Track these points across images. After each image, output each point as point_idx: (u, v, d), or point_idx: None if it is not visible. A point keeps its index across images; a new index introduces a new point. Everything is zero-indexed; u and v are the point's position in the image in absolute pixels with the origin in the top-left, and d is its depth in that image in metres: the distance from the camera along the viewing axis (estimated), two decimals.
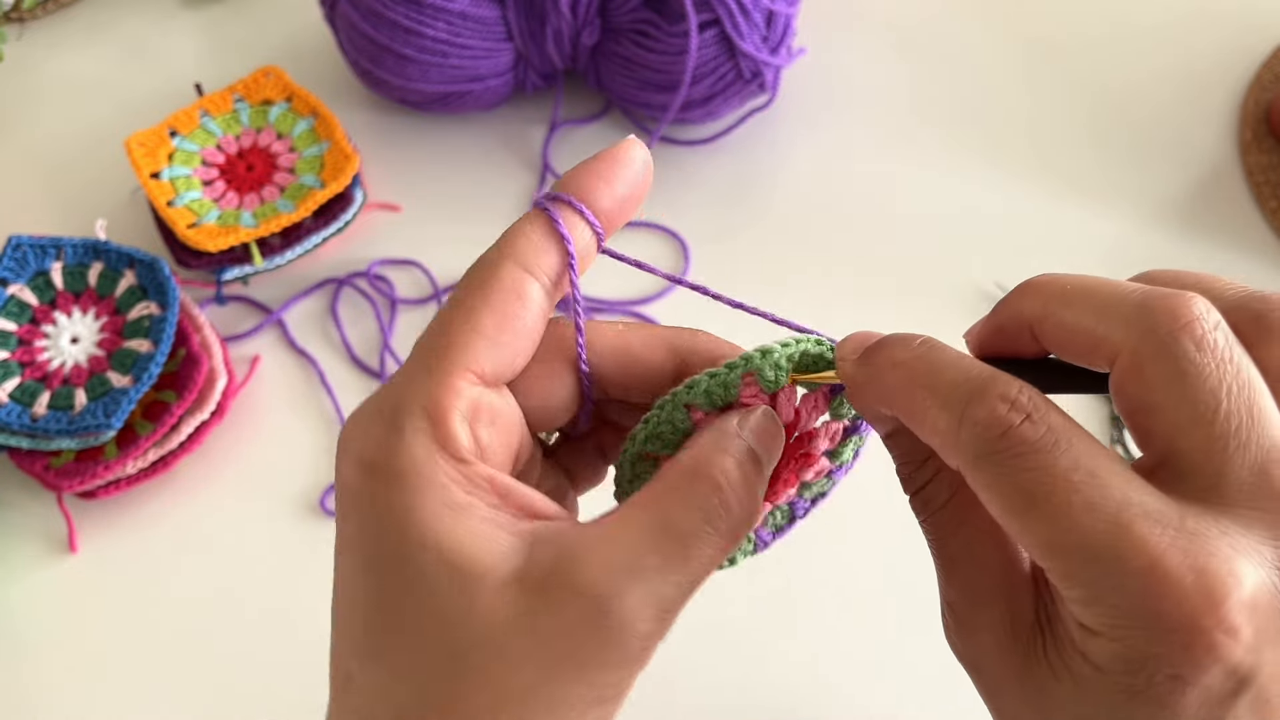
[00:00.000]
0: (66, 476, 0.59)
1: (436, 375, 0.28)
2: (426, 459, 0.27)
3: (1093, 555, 0.23)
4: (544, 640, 0.25)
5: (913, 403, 0.28)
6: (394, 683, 0.26)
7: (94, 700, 0.56)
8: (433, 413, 0.27)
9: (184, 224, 0.66)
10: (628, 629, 0.26)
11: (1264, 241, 0.71)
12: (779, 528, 0.35)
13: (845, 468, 0.35)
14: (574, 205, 0.30)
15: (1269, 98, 0.75)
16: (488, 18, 0.69)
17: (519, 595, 0.26)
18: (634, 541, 0.27)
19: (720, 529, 0.28)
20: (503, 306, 0.28)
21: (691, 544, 0.27)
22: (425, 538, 0.26)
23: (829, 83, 0.78)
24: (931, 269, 0.70)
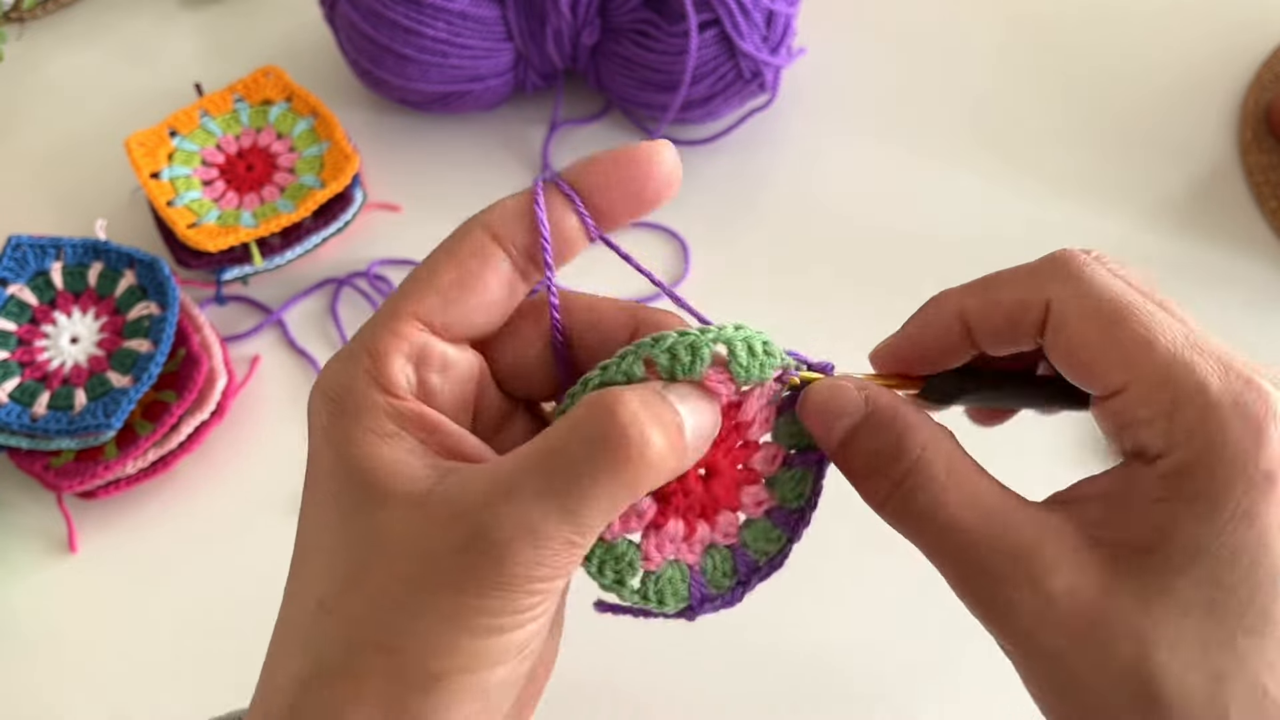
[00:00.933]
0: (66, 476, 0.59)
1: (387, 321, 0.30)
2: (364, 391, 0.29)
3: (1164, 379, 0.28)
4: (428, 556, 0.27)
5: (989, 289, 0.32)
6: (307, 580, 0.29)
7: (94, 700, 0.56)
8: (373, 351, 0.29)
9: (184, 224, 0.66)
10: (497, 545, 0.26)
11: (1264, 241, 0.71)
12: (720, 584, 0.33)
13: (795, 521, 0.33)
14: (561, 189, 0.31)
15: (1269, 98, 0.75)
16: (488, 18, 0.69)
17: (414, 516, 0.27)
18: (517, 467, 0.27)
19: (608, 460, 0.27)
20: (461, 264, 0.30)
21: (575, 470, 0.27)
22: (351, 459, 0.28)
23: (829, 83, 0.78)
24: (931, 268, 0.70)
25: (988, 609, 0.29)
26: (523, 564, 0.26)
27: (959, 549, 0.29)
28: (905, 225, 0.72)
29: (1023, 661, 0.30)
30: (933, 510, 0.29)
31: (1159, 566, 0.27)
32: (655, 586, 0.32)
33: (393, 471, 0.28)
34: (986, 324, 0.31)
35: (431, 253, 0.31)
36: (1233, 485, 0.27)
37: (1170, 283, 0.74)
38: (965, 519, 0.29)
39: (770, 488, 0.33)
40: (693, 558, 0.33)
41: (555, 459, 0.27)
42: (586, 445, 0.27)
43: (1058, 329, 0.29)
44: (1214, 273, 0.69)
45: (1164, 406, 0.28)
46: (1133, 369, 0.28)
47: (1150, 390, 0.28)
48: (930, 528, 0.30)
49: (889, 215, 0.72)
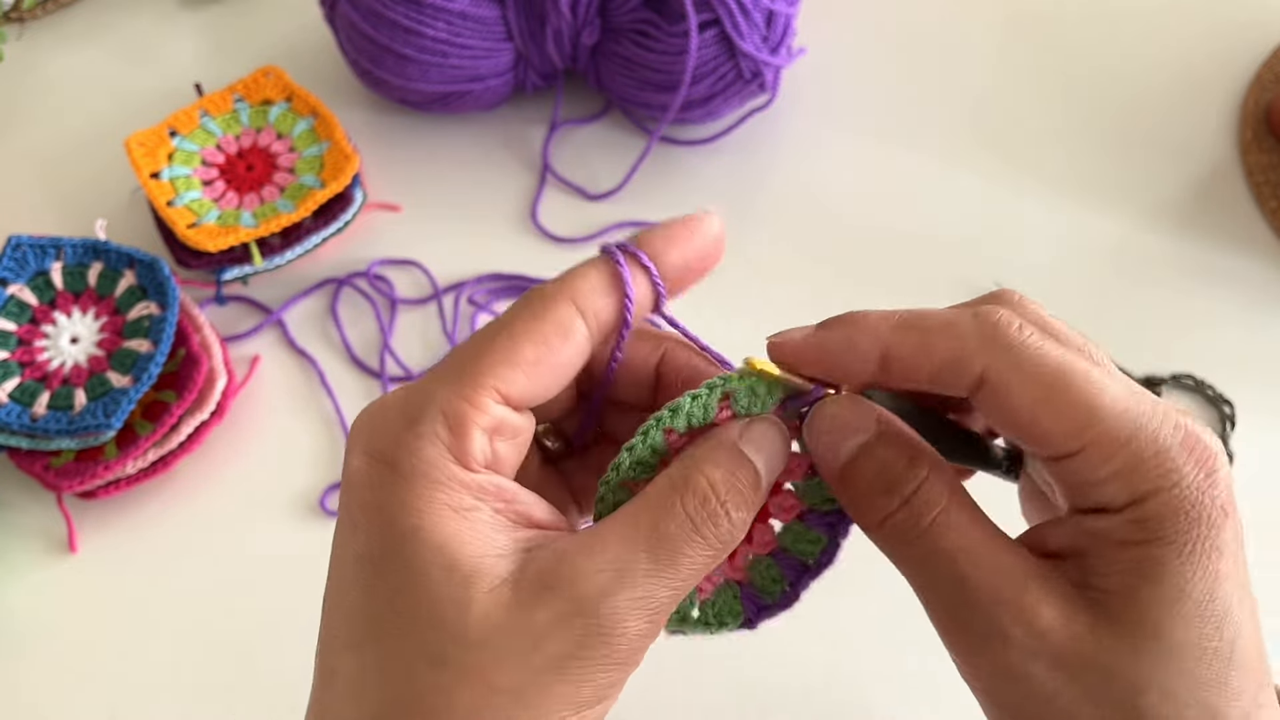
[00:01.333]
0: (66, 476, 0.59)
1: (466, 387, 0.28)
2: (439, 461, 0.28)
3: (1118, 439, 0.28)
4: (533, 640, 0.26)
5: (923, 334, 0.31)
6: (379, 676, 0.27)
7: (93, 700, 0.56)
8: (452, 421, 0.28)
9: (184, 224, 0.66)
10: (616, 630, 0.27)
11: (1264, 241, 0.71)
12: (771, 590, 0.34)
13: (833, 523, 0.34)
14: (641, 260, 0.31)
15: (1269, 98, 0.75)
16: (488, 18, 0.69)
17: (512, 596, 0.27)
18: (624, 546, 0.28)
19: (707, 535, 0.29)
20: (546, 340, 0.29)
21: (679, 548, 0.28)
22: (427, 534, 0.27)
23: (829, 83, 0.78)
24: (931, 268, 0.70)
25: (974, 641, 0.29)
26: (641, 637, 0.27)
27: (954, 577, 0.29)
28: (905, 225, 0.72)
29: (1005, 699, 0.29)
30: (935, 534, 0.29)
31: (1145, 610, 0.28)
32: (714, 611, 0.34)
33: (477, 549, 0.27)
34: (912, 371, 0.31)
35: (510, 318, 0.30)
36: (1198, 523, 0.28)
37: (1170, 283, 0.75)
38: (964, 546, 0.29)
39: (800, 493, 0.34)
40: (739, 575, 0.34)
41: (662, 539, 0.28)
42: (689, 524, 0.28)
43: (999, 398, 0.29)
44: (1214, 273, 0.69)
45: (1123, 464, 0.28)
46: (1086, 433, 0.28)
47: (1106, 452, 0.28)
48: (929, 552, 0.30)
49: (889, 215, 0.72)
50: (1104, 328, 0.67)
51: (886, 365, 0.31)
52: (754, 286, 0.69)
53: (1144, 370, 0.65)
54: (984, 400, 0.30)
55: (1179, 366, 0.65)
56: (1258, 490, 0.62)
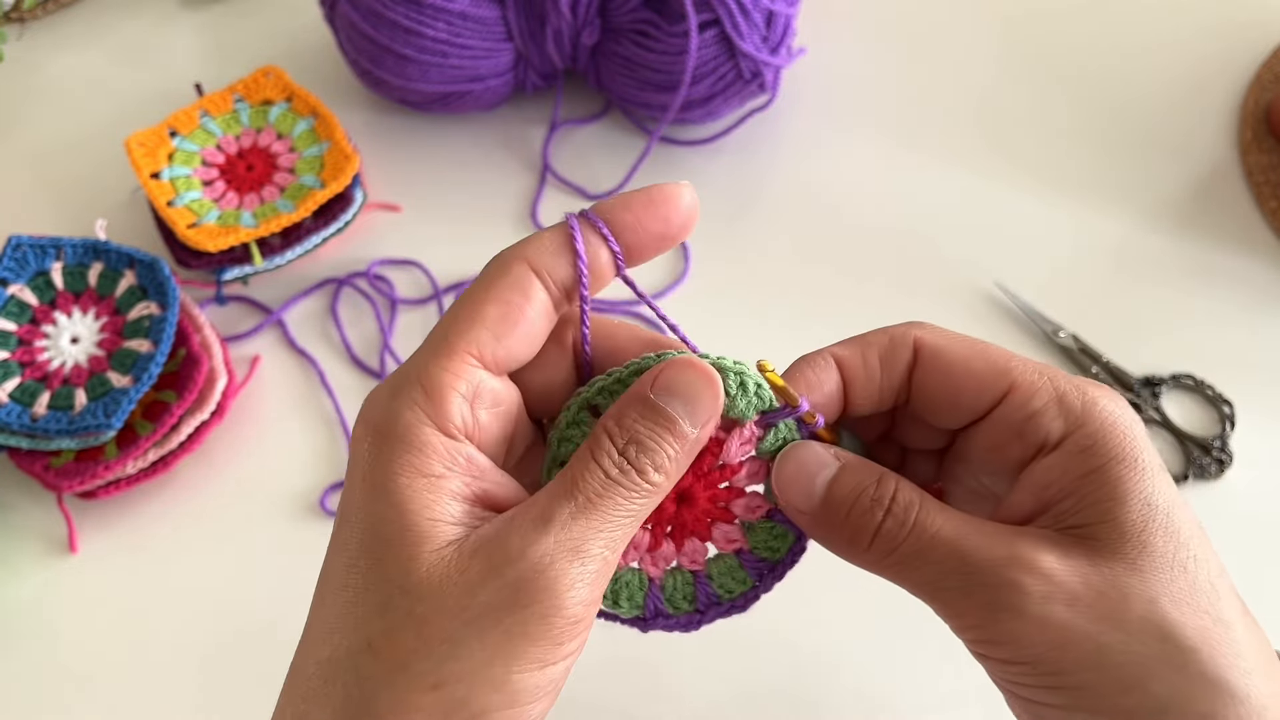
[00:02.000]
0: (66, 476, 0.59)
1: (439, 355, 0.30)
2: (415, 426, 0.30)
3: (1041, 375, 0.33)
4: (469, 591, 0.28)
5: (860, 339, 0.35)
6: (337, 623, 0.29)
7: (94, 700, 0.56)
8: (428, 387, 0.30)
9: (184, 224, 0.66)
10: (544, 576, 0.28)
11: (1264, 241, 0.71)
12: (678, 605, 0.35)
13: (766, 570, 0.35)
14: (596, 225, 0.32)
15: (1269, 98, 0.75)
16: (488, 18, 0.69)
17: (454, 554, 0.29)
18: (549, 498, 0.29)
19: (625, 482, 0.30)
20: (506, 298, 0.31)
21: (600, 494, 0.30)
22: (391, 495, 0.29)
23: (829, 83, 0.78)
24: (931, 269, 0.70)
25: (990, 607, 0.30)
26: (568, 585, 0.28)
27: (954, 556, 0.31)
28: (905, 224, 0.72)
29: (1029, 654, 0.30)
30: (923, 526, 0.31)
31: (1128, 528, 0.30)
32: (613, 585, 0.34)
33: (435, 515, 0.29)
34: (861, 366, 0.34)
35: (471, 287, 0.32)
36: (1135, 440, 0.31)
37: (1171, 283, 0.75)
38: (952, 532, 0.31)
39: (745, 531, 0.35)
40: (655, 571, 0.35)
41: (575, 486, 0.29)
42: (597, 468, 0.30)
43: (933, 356, 0.33)
44: (1213, 273, 0.69)
45: (1051, 394, 0.32)
46: (1010, 374, 0.32)
47: (1033, 385, 0.32)
48: (924, 545, 0.31)
49: (889, 215, 0.72)
50: (1103, 327, 0.67)
51: (845, 372, 0.34)
52: (754, 286, 0.69)
53: (1143, 370, 0.65)
54: (924, 363, 0.33)
55: (1178, 366, 0.65)
56: (1258, 490, 0.62)
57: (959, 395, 0.33)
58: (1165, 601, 0.29)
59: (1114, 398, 0.32)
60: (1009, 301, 0.67)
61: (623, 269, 0.33)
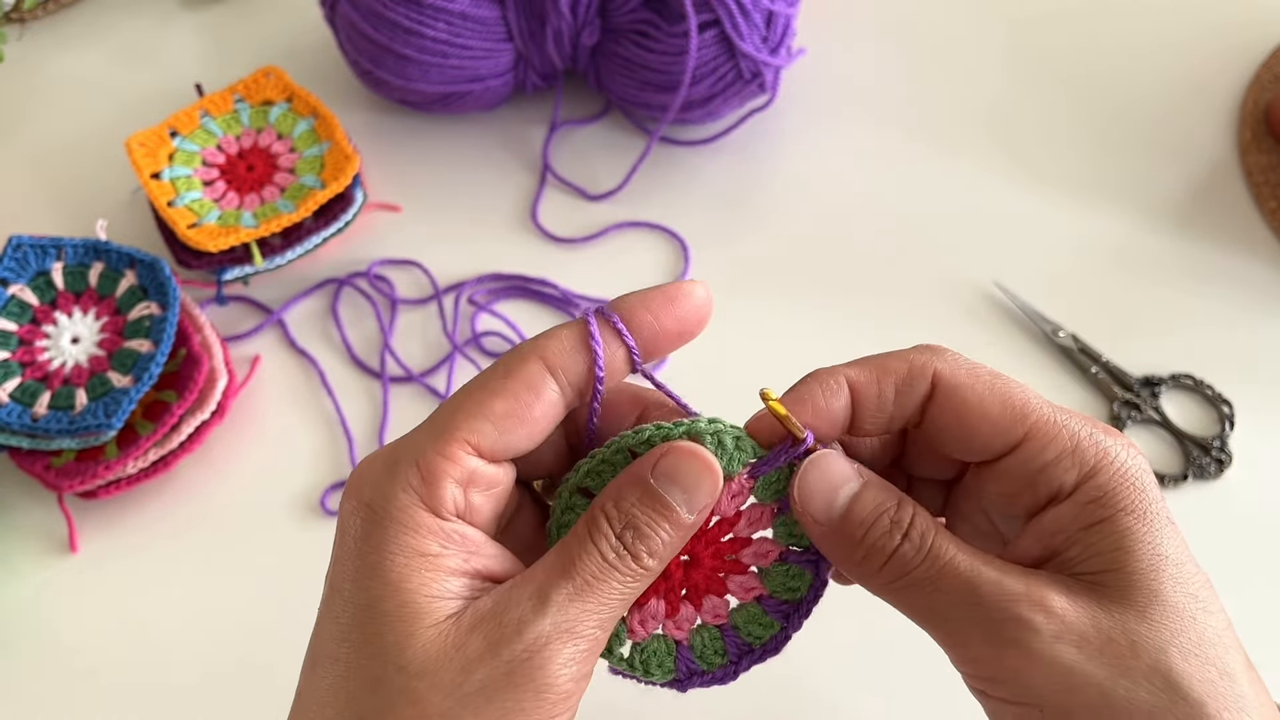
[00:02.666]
0: (67, 476, 0.59)
1: (439, 440, 0.31)
2: (410, 508, 0.30)
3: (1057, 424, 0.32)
4: (465, 668, 0.28)
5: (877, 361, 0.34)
6: (331, 698, 0.30)
7: (94, 700, 0.56)
8: (425, 471, 0.30)
9: (184, 224, 0.66)
10: (540, 655, 0.29)
11: (1263, 241, 0.71)
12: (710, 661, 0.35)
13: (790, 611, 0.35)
14: (613, 322, 0.32)
15: (1268, 98, 0.75)
16: (488, 18, 0.69)
17: (452, 630, 0.29)
18: (547, 575, 0.30)
19: (619, 566, 0.31)
20: (516, 395, 0.31)
21: (597, 576, 0.30)
22: (387, 573, 0.29)
23: (829, 83, 0.78)
24: (931, 269, 0.70)
25: (997, 643, 0.30)
26: (561, 663, 0.29)
27: (966, 587, 0.30)
28: (905, 225, 0.72)
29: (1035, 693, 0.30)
30: (937, 554, 0.31)
31: (1137, 578, 0.30)
32: (641, 656, 0.34)
33: (430, 592, 0.29)
34: (875, 394, 0.33)
35: (484, 374, 0.32)
36: (1146, 492, 0.31)
37: (1170, 283, 0.75)
38: (966, 563, 0.31)
39: (761, 578, 0.35)
40: (680, 634, 0.35)
41: (572, 565, 0.30)
42: (595, 548, 0.30)
43: (950, 394, 0.32)
44: (1213, 273, 0.69)
45: (1067, 444, 0.31)
46: (1026, 421, 0.32)
47: (1048, 435, 0.31)
48: (936, 573, 0.31)
49: (888, 215, 0.72)
50: (1103, 327, 0.67)
51: (857, 396, 0.33)
52: (753, 286, 0.69)
53: (1143, 370, 0.65)
54: (940, 401, 0.32)
55: (1178, 366, 0.65)
56: (1257, 490, 0.62)
57: (973, 437, 0.32)
58: (1174, 652, 0.29)
59: (1128, 446, 0.32)
60: (1008, 301, 0.67)
61: (639, 365, 0.33)
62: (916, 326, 0.66)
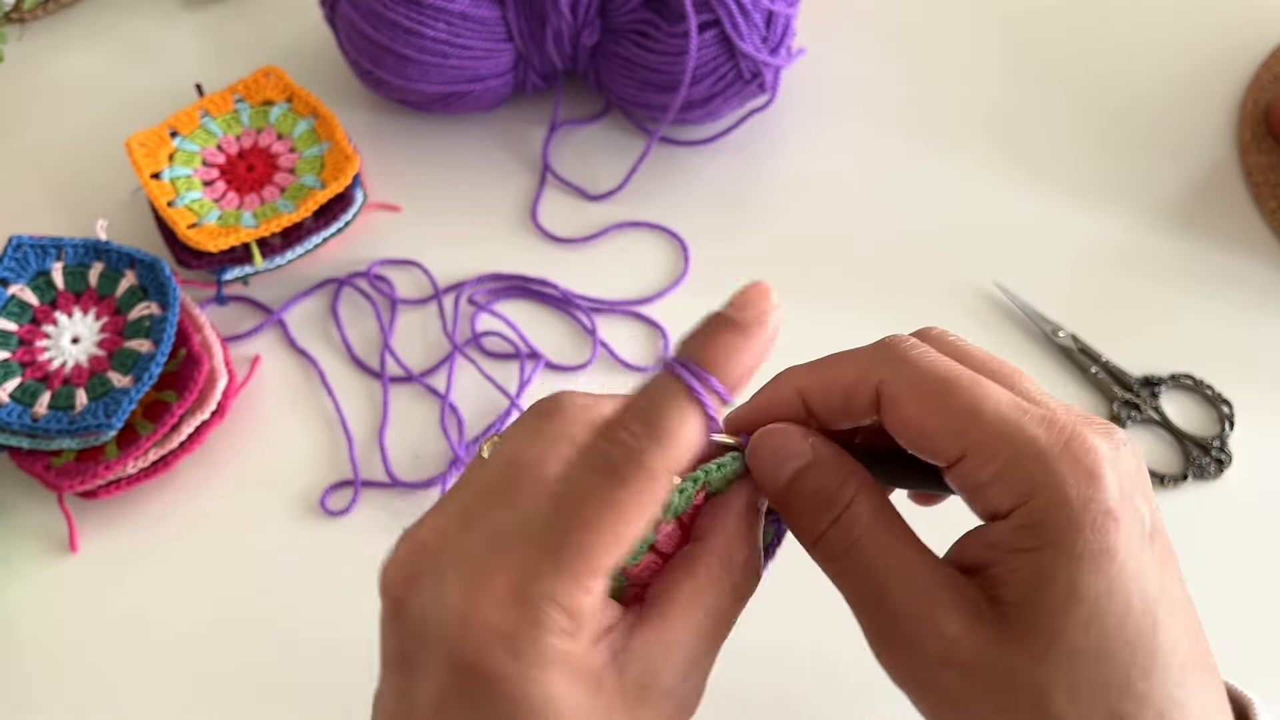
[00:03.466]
0: (67, 476, 0.59)
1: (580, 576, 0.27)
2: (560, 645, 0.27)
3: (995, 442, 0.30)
4: None
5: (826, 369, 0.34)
6: None
7: (93, 700, 0.56)
8: (572, 612, 0.27)
9: (184, 224, 0.66)
10: (690, 701, 0.31)
11: (1263, 242, 0.71)
12: None
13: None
14: (720, 393, 0.29)
15: (1268, 98, 0.75)
16: (488, 18, 0.69)
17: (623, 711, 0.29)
18: (691, 633, 0.30)
19: (742, 598, 0.32)
20: (647, 515, 0.28)
21: (725, 621, 0.32)
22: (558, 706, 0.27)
23: (829, 83, 0.78)
24: (931, 269, 0.70)
25: (893, 650, 0.31)
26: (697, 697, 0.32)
27: (875, 591, 0.31)
28: (905, 225, 0.72)
29: (926, 704, 0.31)
30: (859, 551, 0.32)
31: (1042, 616, 0.29)
32: None
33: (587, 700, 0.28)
34: (824, 403, 0.33)
35: (604, 481, 0.28)
36: (1080, 526, 0.29)
37: (1170, 283, 0.75)
38: (886, 563, 0.31)
39: None
40: None
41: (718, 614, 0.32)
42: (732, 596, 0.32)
43: (891, 408, 0.32)
44: (1213, 273, 0.69)
45: (1000, 467, 0.30)
46: (965, 437, 0.30)
47: (985, 454, 0.30)
48: (853, 566, 0.32)
49: (889, 215, 0.72)
50: (1102, 327, 0.67)
51: (808, 404, 0.34)
52: None
53: (1142, 370, 0.65)
54: (884, 414, 0.32)
55: (1177, 366, 0.65)
56: (1257, 490, 0.62)
57: (916, 448, 0.32)
58: (1060, 696, 0.28)
59: (1089, 473, 0.29)
60: (1008, 301, 0.68)
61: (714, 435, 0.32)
62: (916, 326, 0.66)
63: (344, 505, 0.62)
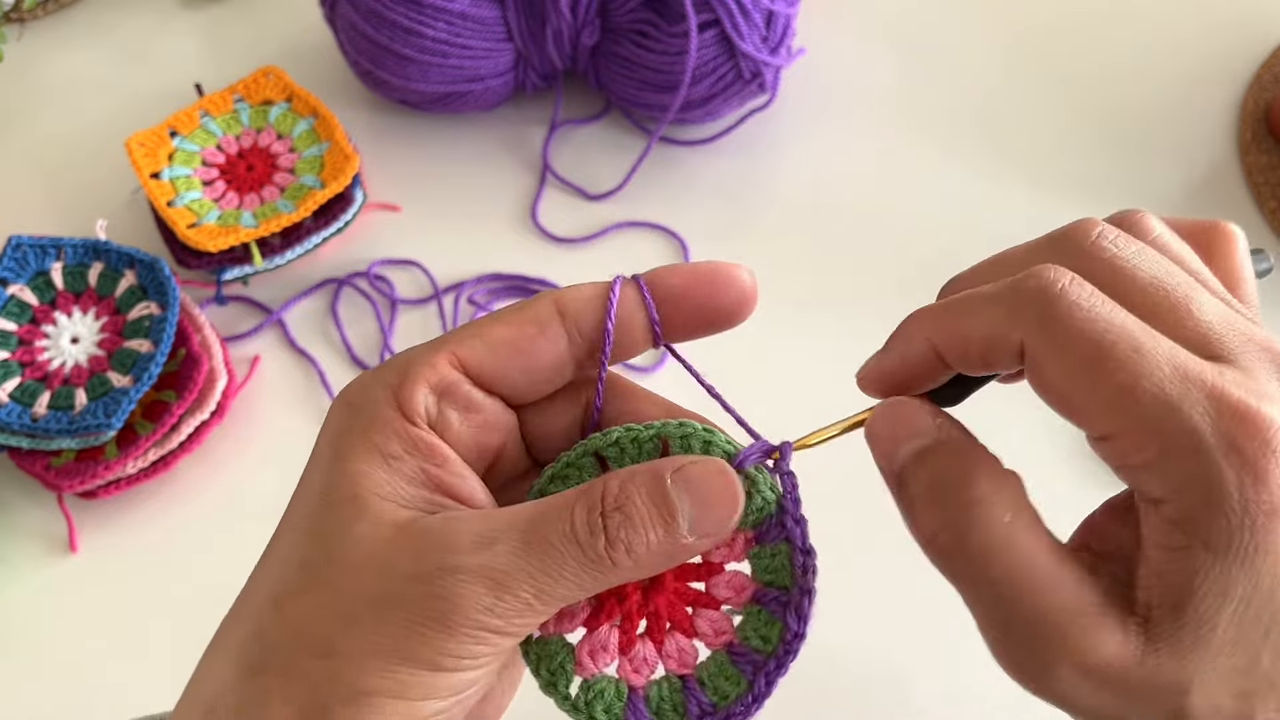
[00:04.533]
0: (67, 476, 0.59)
1: (424, 351, 0.30)
2: (380, 405, 0.30)
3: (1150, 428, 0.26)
4: (380, 576, 0.28)
5: (959, 320, 0.30)
6: (266, 575, 0.30)
7: (94, 700, 0.56)
8: (401, 372, 0.30)
9: (184, 224, 0.66)
10: (460, 590, 0.27)
11: (1264, 242, 0.71)
12: (665, 716, 0.30)
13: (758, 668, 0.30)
14: (639, 288, 0.31)
15: (1269, 98, 0.75)
16: (488, 18, 0.69)
17: (390, 536, 0.28)
18: (505, 521, 0.28)
19: (584, 546, 0.28)
20: (519, 327, 0.31)
21: (554, 546, 0.28)
22: (351, 464, 0.29)
23: (829, 83, 0.78)
24: (930, 269, 0.69)
25: (1024, 665, 0.28)
26: (476, 609, 0.27)
27: (1004, 600, 0.28)
28: (905, 224, 0.72)
29: (1057, 705, 0.29)
30: (984, 555, 0.28)
31: (1188, 619, 0.27)
32: (586, 695, 0.30)
33: (384, 492, 0.29)
34: (960, 359, 0.30)
35: (502, 308, 0.32)
36: (1240, 528, 0.26)
37: None
38: (1016, 571, 0.28)
39: (733, 620, 0.31)
40: (638, 680, 0.30)
41: (537, 530, 0.28)
42: (569, 528, 0.28)
43: (1035, 373, 0.28)
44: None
45: (1155, 454, 0.27)
46: (1117, 417, 0.27)
47: (1138, 439, 0.27)
48: (977, 572, 0.28)
49: (888, 215, 0.72)
50: None
51: (944, 358, 0.30)
52: None
53: None
54: (1028, 374, 0.28)
55: None
56: None
57: (1062, 415, 0.29)
58: (1195, 695, 0.27)
59: (1254, 470, 0.26)
60: None
61: (660, 339, 0.31)
62: None
63: None
